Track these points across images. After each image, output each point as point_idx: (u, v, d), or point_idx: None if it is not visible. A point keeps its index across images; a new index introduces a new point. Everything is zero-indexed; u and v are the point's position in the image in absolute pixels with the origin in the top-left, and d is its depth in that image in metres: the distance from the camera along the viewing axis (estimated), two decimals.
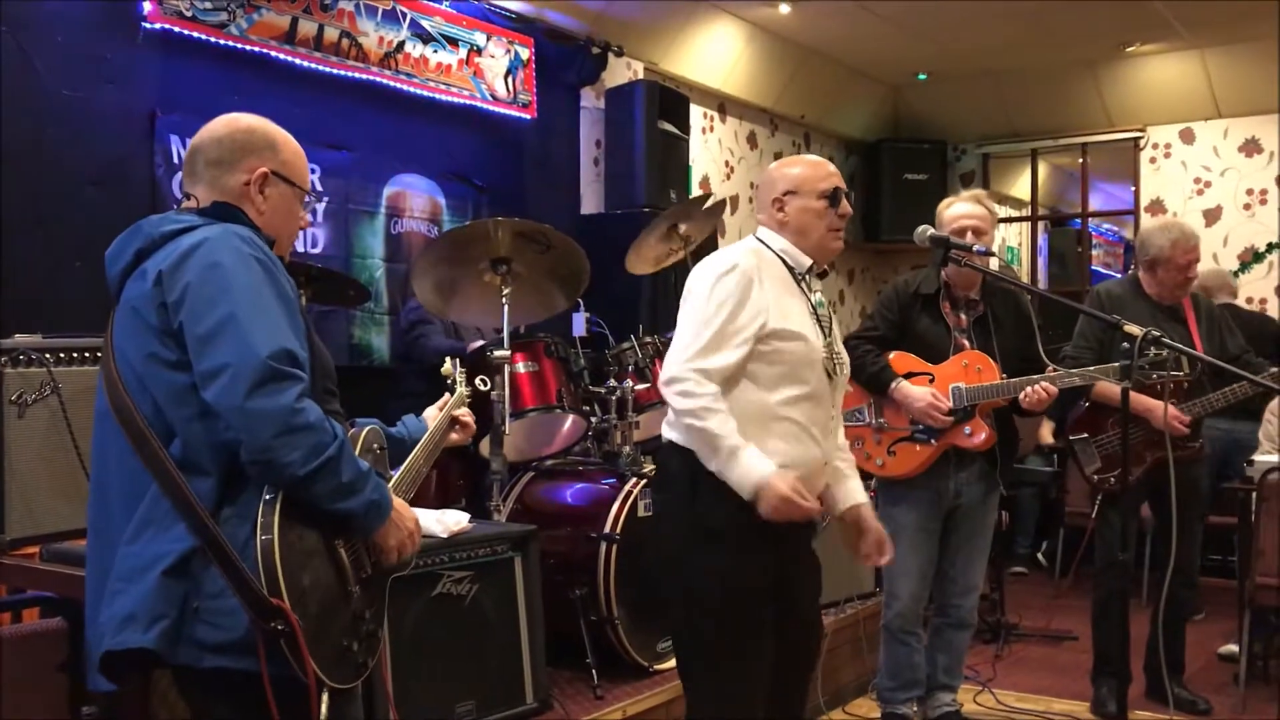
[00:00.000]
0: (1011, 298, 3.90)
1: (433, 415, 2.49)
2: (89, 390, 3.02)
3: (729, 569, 2.67)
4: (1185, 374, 2.83)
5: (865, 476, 4.41)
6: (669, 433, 2.78)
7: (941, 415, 3.63)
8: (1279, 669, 4.69)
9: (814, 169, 2.88)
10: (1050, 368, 3.73)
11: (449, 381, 2.84)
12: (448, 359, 2.99)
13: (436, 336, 4.55)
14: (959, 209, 3.72)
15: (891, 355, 3.76)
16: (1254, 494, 4.40)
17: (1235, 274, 7.76)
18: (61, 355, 3.04)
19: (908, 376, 3.71)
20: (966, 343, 3.77)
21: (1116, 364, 3.56)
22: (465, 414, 2.55)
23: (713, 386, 2.62)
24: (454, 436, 2.53)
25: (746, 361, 2.67)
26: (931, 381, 3.70)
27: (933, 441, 3.70)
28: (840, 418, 2.95)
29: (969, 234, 3.59)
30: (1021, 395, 3.61)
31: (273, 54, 4.55)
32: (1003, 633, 5.35)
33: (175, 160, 4.29)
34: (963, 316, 3.81)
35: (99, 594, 1.92)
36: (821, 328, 2.81)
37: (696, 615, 2.70)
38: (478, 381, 3.04)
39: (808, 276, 2.85)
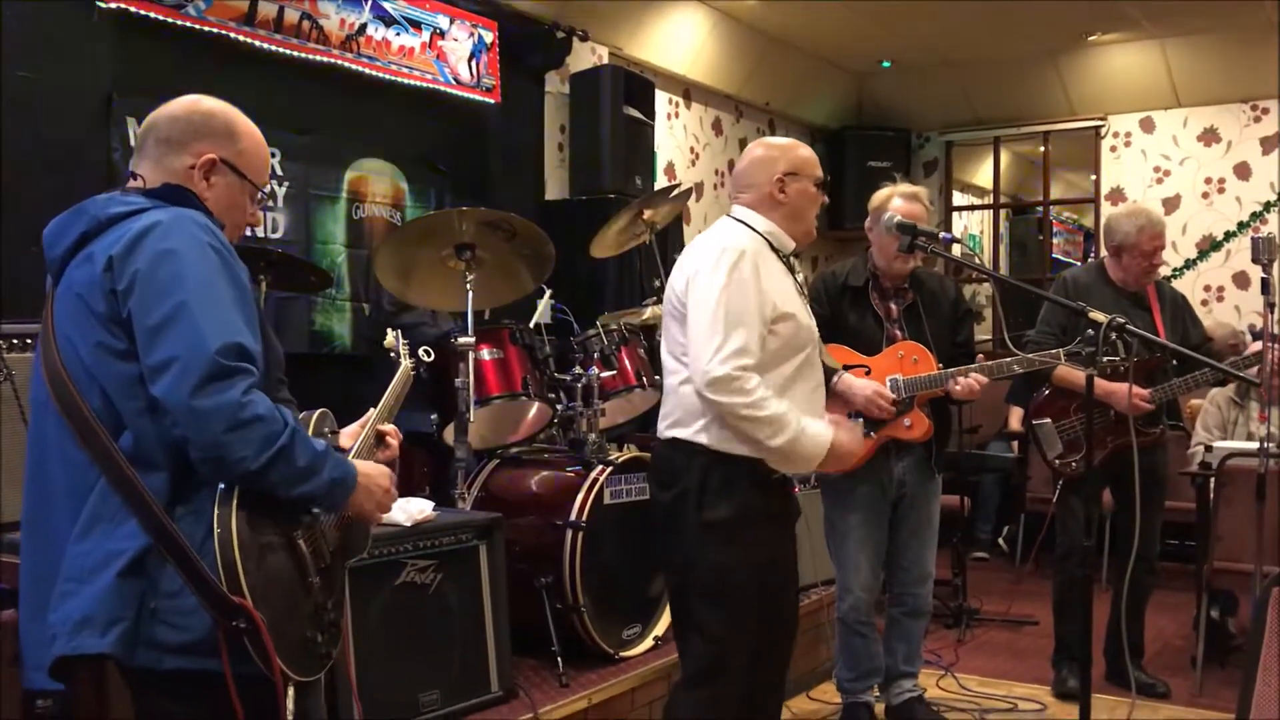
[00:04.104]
0: (940, 284, 3.92)
1: (353, 432, 2.31)
2: None
3: (742, 564, 2.72)
4: (1122, 358, 2.84)
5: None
6: (674, 430, 2.80)
7: (888, 406, 3.57)
8: (1237, 656, 4.74)
9: (810, 153, 2.94)
10: (980, 356, 3.74)
11: (392, 355, 2.81)
12: (389, 332, 2.95)
13: (426, 329, 4.43)
14: (900, 206, 3.67)
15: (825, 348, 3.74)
16: (1212, 480, 4.45)
17: (1193, 262, 7.88)
18: (15, 341, 2.98)
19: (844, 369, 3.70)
20: (899, 333, 3.77)
21: (1056, 349, 3.60)
22: (390, 429, 2.36)
23: (757, 377, 2.66)
24: (378, 455, 2.32)
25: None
26: (868, 374, 3.67)
27: (872, 435, 3.68)
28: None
29: None
30: (952, 385, 3.61)
31: (232, 35, 4.47)
32: (964, 618, 5.39)
33: (132, 143, 4.20)
34: (893, 306, 3.81)
35: (36, 591, 1.86)
36: (808, 306, 2.86)
37: (708, 610, 2.74)
38: (421, 353, 2.98)
39: (791, 258, 2.89)
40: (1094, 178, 8.37)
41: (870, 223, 3.83)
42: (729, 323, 2.64)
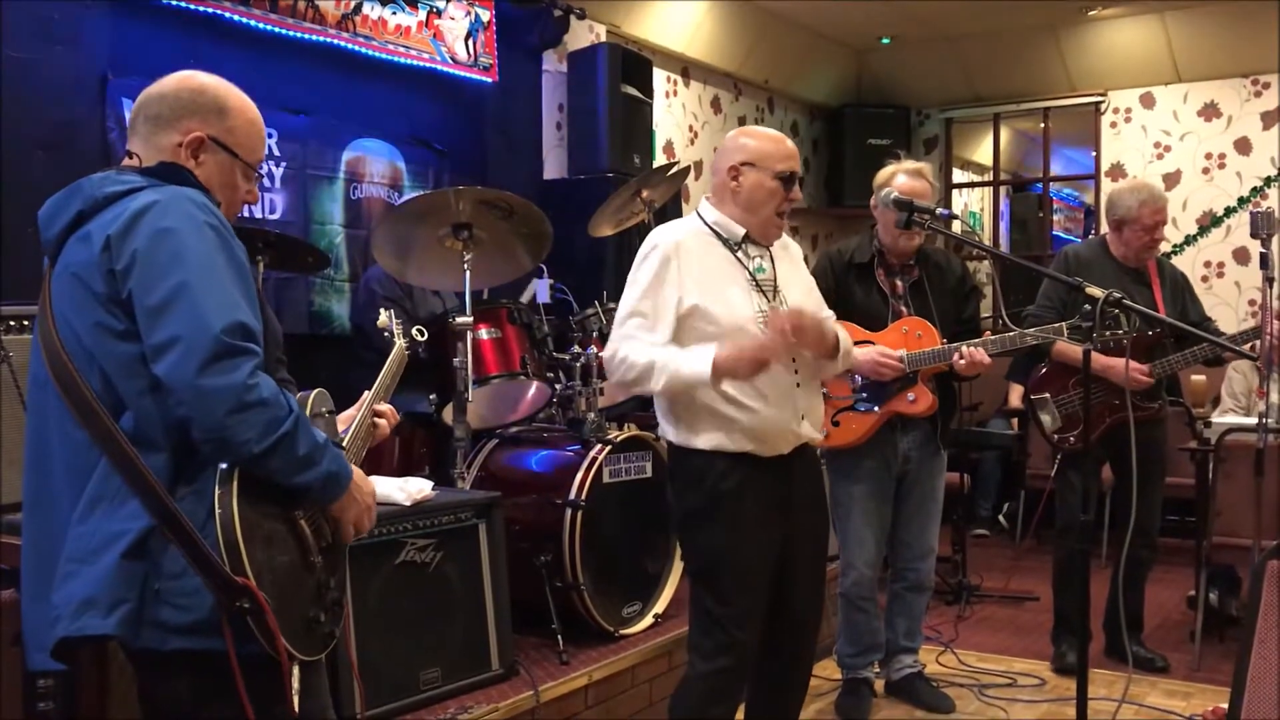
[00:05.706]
0: (946, 261, 3.92)
1: (350, 415, 2.31)
2: None
3: (723, 547, 2.80)
4: (1125, 331, 2.85)
5: None
6: (660, 429, 2.95)
7: (894, 363, 3.60)
8: (1235, 630, 4.76)
9: (775, 145, 2.88)
10: (986, 333, 3.74)
11: (385, 334, 2.83)
12: (383, 310, 2.97)
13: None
14: (903, 183, 3.66)
15: None
16: (1211, 455, 4.46)
17: (1194, 238, 7.86)
18: (12, 323, 2.97)
19: None
20: (904, 309, 3.78)
21: (1057, 324, 3.60)
22: (386, 410, 2.38)
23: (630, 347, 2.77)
24: (373, 435, 2.34)
25: (673, 339, 2.75)
26: None
27: (876, 409, 3.70)
28: (813, 375, 2.96)
29: None
30: (956, 359, 3.61)
31: (227, 15, 4.44)
32: (965, 594, 5.41)
33: (128, 124, 4.19)
34: (898, 282, 3.82)
35: (39, 571, 1.85)
36: (764, 293, 2.83)
37: (702, 591, 2.86)
38: (414, 332, 2.99)
39: (744, 244, 2.86)
40: (1094, 154, 8.34)
41: (875, 200, 3.83)
42: (624, 317, 2.80)
